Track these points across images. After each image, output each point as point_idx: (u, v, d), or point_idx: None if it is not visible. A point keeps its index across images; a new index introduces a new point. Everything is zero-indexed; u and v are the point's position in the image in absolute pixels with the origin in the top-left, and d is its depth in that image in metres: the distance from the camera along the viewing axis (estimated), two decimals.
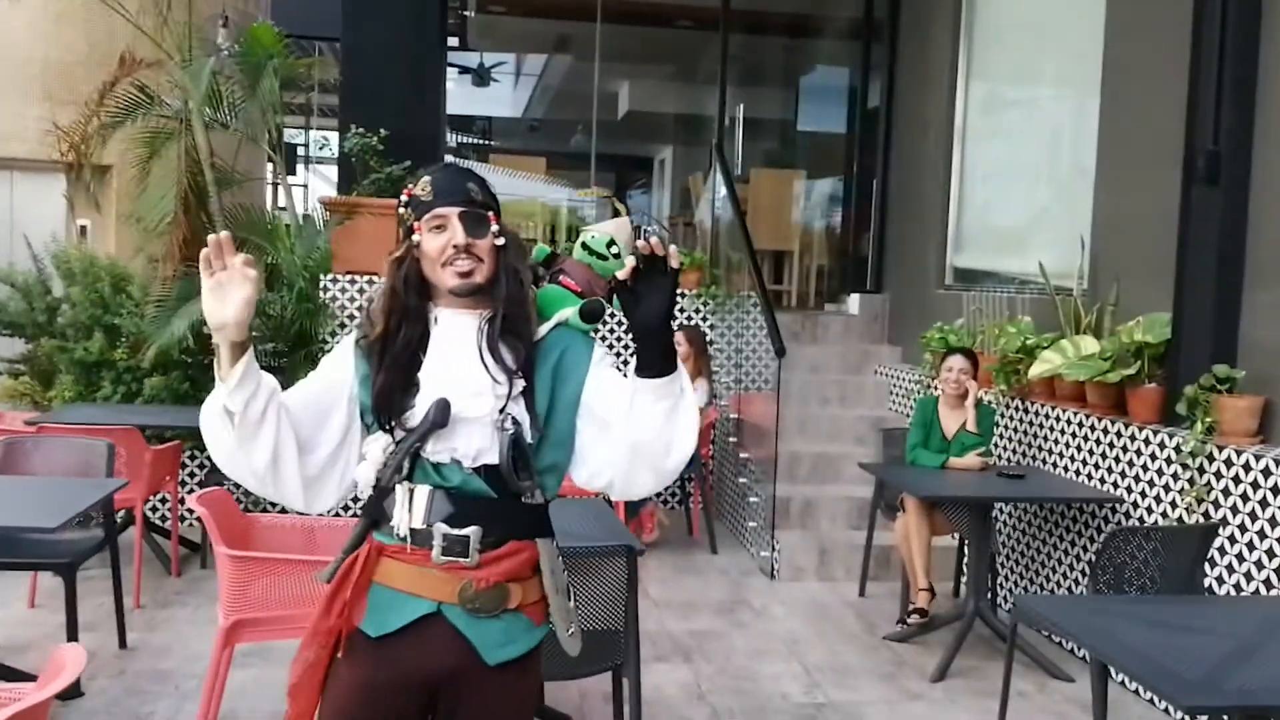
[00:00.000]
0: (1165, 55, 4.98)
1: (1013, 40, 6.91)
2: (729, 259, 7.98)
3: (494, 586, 2.00)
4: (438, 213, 2.03)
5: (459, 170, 2.13)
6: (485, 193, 2.09)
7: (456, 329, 2.07)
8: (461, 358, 2.04)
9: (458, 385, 2.01)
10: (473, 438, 2.01)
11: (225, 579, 3.64)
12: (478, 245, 2.03)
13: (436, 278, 2.05)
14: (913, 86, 7.93)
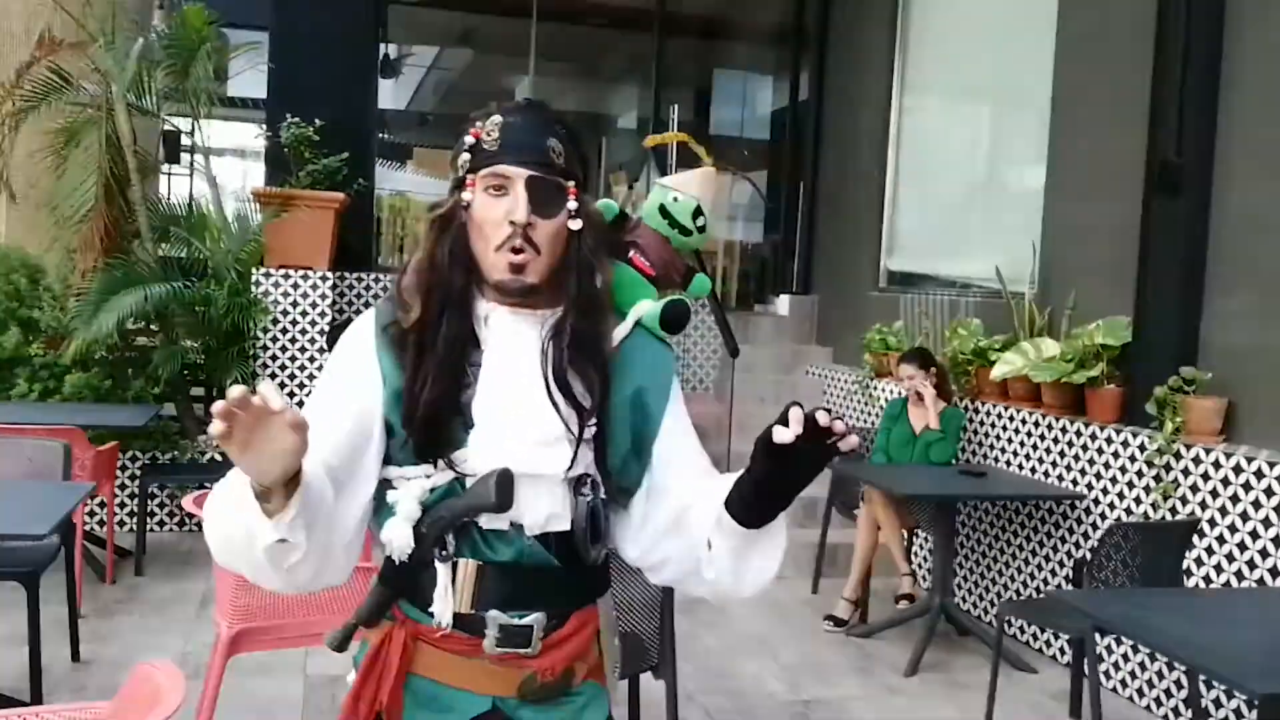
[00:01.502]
0: (1118, 66, 5.19)
1: (954, 49, 7.10)
2: None
3: (561, 675, 1.60)
4: (499, 170, 1.53)
5: (542, 116, 1.60)
6: (571, 153, 1.58)
7: (514, 341, 1.58)
8: (523, 387, 1.56)
9: (521, 430, 1.54)
10: (539, 500, 1.55)
11: (229, 587, 3.48)
12: (542, 228, 1.53)
13: (482, 258, 1.56)
14: (844, 91, 8.08)
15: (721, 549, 1.52)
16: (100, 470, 5.37)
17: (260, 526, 1.37)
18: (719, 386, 7.41)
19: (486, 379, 1.57)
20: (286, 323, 6.80)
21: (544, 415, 1.55)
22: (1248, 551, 4.14)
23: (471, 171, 1.57)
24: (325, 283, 6.83)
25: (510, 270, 1.54)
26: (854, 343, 7.45)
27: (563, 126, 1.59)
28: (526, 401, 1.56)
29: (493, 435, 1.55)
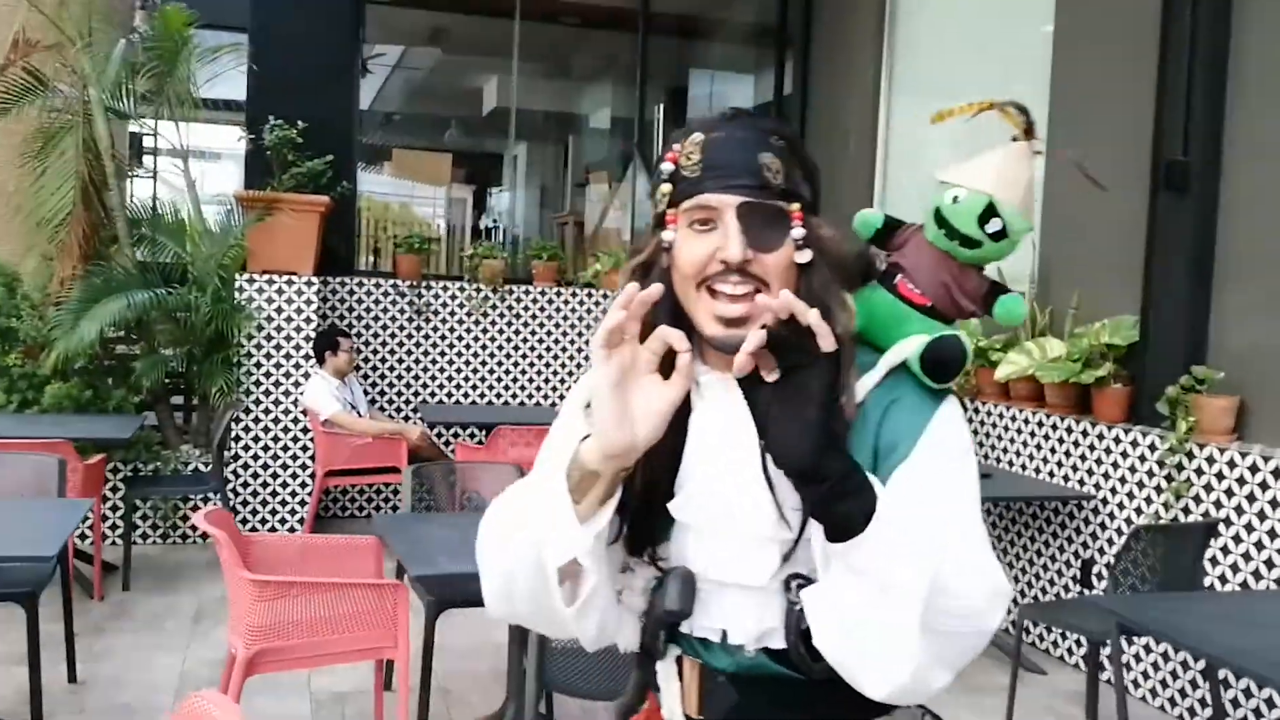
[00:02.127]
0: (1119, 61, 5.19)
1: (946, 44, 7.08)
2: None
3: None
4: (704, 200, 1.25)
5: (753, 127, 1.30)
6: (793, 168, 1.29)
7: (726, 410, 1.27)
8: (735, 468, 1.28)
9: (726, 524, 1.29)
10: (746, 612, 1.30)
11: (246, 605, 3.37)
12: (761, 265, 1.24)
13: (690, 308, 1.27)
14: (831, 93, 8.04)
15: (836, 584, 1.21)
16: (89, 484, 5.23)
17: (561, 536, 1.21)
18: None
19: (691, 461, 1.31)
20: (271, 329, 6.66)
21: (756, 506, 1.27)
22: (1265, 551, 4.14)
23: (672, 205, 1.29)
24: (310, 288, 6.70)
25: (724, 324, 1.23)
26: None
27: (780, 136, 1.31)
28: (737, 487, 1.28)
29: (694, 531, 1.31)
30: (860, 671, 1.20)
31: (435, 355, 7.53)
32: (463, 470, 4.51)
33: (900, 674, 1.17)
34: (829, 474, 1.15)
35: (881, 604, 1.15)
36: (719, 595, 1.31)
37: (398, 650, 3.49)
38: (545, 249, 7.91)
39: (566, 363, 7.77)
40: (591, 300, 7.80)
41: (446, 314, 7.54)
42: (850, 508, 1.15)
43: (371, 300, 7.40)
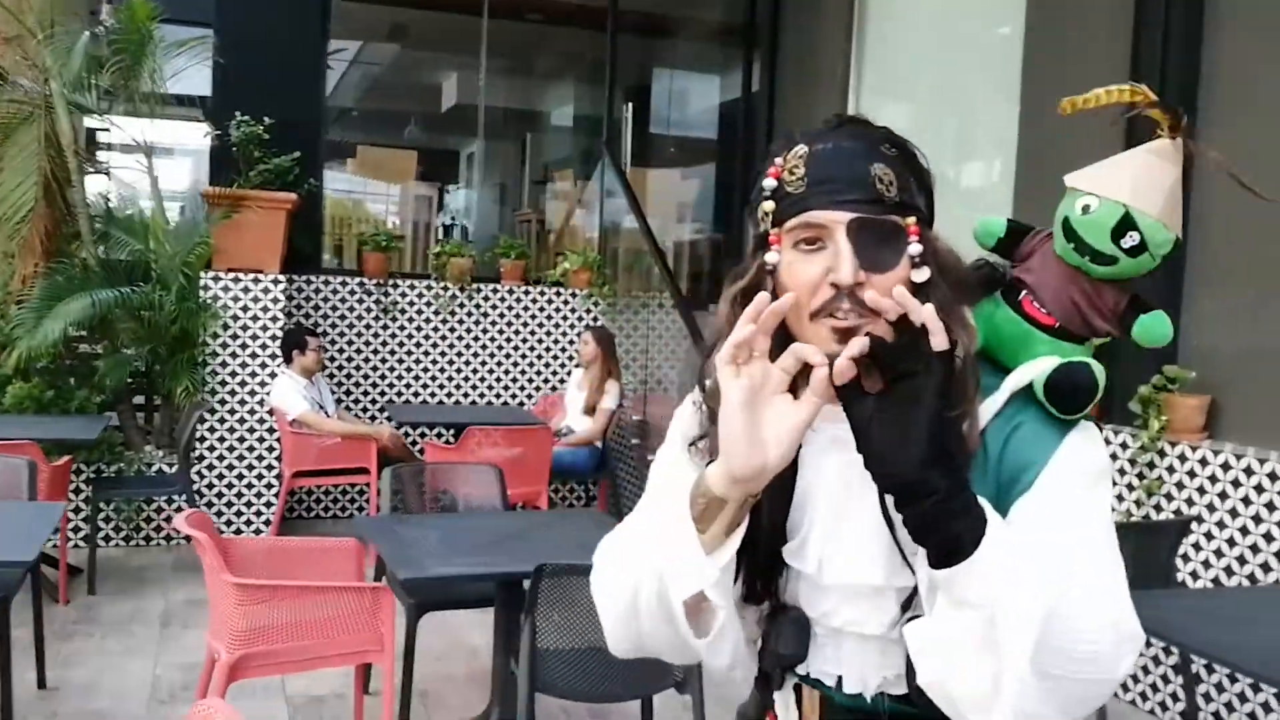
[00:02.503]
0: (1092, 64, 5.25)
1: (914, 45, 7.13)
2: (620, 258, 7.94)
3: None
4: (812, 218, 1.16)
5: (863, 135, 1.21)
6: (905, 179, 1.19)
7: (844, 447, 1.15)
8: (852, 512, 1.21)
9: (844, 573, 1.22)
10: (866, 660, 1.24)
11: (229, 610, 3.32)
12: (877, 284, 1.14)
13: (801, 335, 1.16)
14: (799, 92, 8.07)
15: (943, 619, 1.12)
16: (56, 486, 5.13)
17: (686, 567, 1.14)
18: (682, 389, 7.35)
19: (804, 501, 1.24)
20: (237, 328, 6.57)
21: (868, 551, 1.20)
22: (1237, 547, 4.21)
23: (776, 224, 1.19)
24: (277, 286, 6.62)
25: (838, 340, 1.13)
26: None
27: (892, 144, 1.21)
28: (854, 531, 1.22)
29: (807, 572, 1.25)
30: (963, 713, 1.10)
31: (402, 354, 7.47)
32: (439, 471, 4.48)
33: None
34: (934, 489, 1.04)
35: (989, 640, 1.05)
36: (835, 641, 1.26)
37: (383, 654, 3.45)
38: (513, 247, 7.87)
39: (535, 361, 7.74)
40: (560, 299, 7.77)
41: (414, 312, 7.48)
42: (957, 528, 1.05)
43: (338, 299, 7.33)
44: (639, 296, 7.86)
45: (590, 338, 6.82)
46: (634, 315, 7.80)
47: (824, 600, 1.25)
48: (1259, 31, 4.50)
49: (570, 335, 7.77)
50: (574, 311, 7.79)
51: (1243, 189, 1.30)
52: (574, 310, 7.79)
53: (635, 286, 7.87)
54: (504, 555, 3.45)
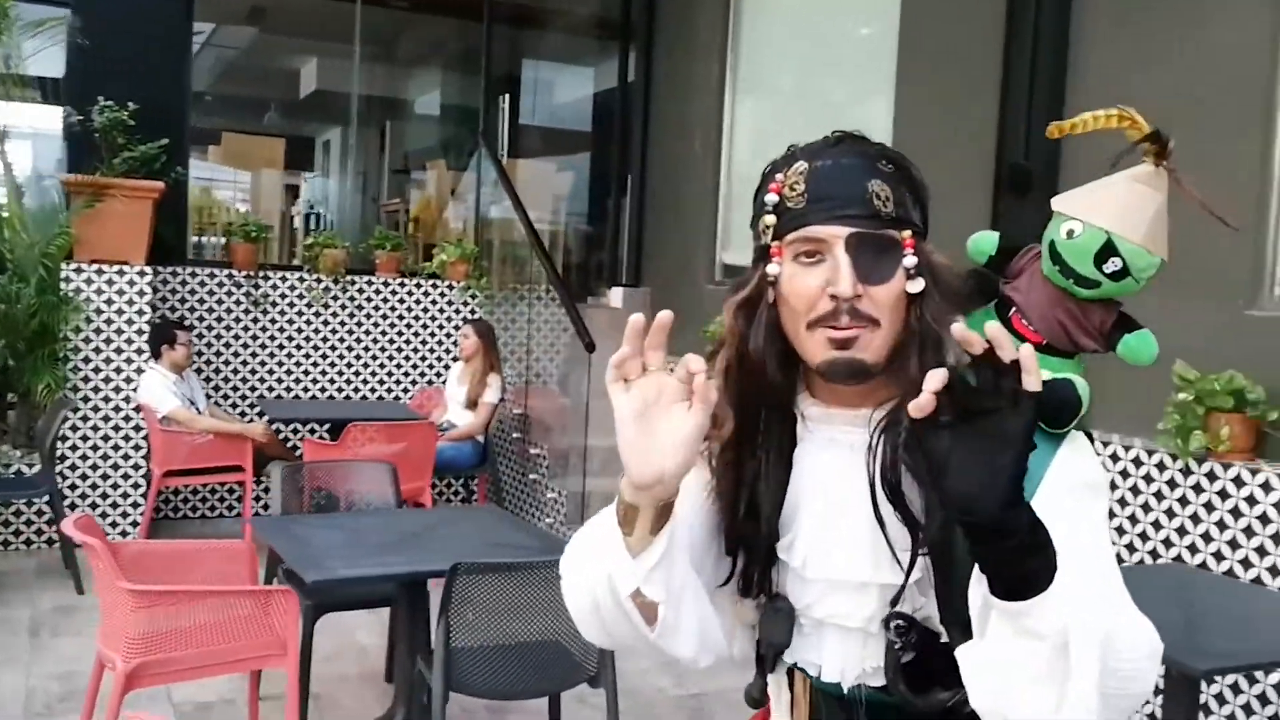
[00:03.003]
0: (962, 70, 5.46)
1: (790, 39, 7.26)
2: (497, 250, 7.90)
3: None
4: (811, 233, 1.21)
5: (860, 152, 1.26)
6: (901, 194, 1.24)
7: (831, 448, 1.27)
8: (846, 514, 1.26)
9: (827, 568, 1.29)
10: (847, 650, 1.30)
11: (124, 617, 3.20)
12: (873, 297, 1.20)
13: (799, 342, 1.24)
14: (674, 87, 8.15)
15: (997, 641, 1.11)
16: None
17: (620, 568, 1.19)
18: (564, 382, 7.36)
19: (796, 498, 1.30)
20: (100, 322, 6.30)
21: (854, 547, 1.26)
22: (1126, 536, 4.45)
23: (777, 238, 1.24)
24: (143, 278, 6.37)
25: (835, 346, 1.20)
26: (690, 336, 7.54)
27: (889, 160, 1.26)
28: (845, 528, 1.27)
29: (793, 566, 1.30)
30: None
31: (274, 349, 7.28)
32: (333, 469, 4.40)
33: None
34: (1015, 530, 1.03)
35: (1058, 669, 1.05)
36: (819, 632, 1.31)
37: (286, 658, 3.38)
38: (388, 238, 7.74)
39: (410, 355, 7.63)
40: (436, 292, 7.68)
41: (285, 305, 7.30)
42: (1034, 565, 1.04)
43: (205, 291, 7.09)
44: (517, 289, 7.83)
45: (471, 331, 6.76)
46: (511, 308, 7.77)
47: (808, 592, 1.31)
48: (1126, 34, 4.75)
49: (447, 328, 7.70)
50: (451, 304, 7.72)
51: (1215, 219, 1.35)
52: (451, 303, 7.71)
53: (513, 279, 7.84)
54: (410, 554, 3.41)
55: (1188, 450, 4.07)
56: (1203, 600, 3.39)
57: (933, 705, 1.24)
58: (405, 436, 6.00)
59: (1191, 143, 4.26)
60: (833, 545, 1.27)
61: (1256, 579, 3.90)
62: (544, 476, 6.81)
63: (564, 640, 3.27)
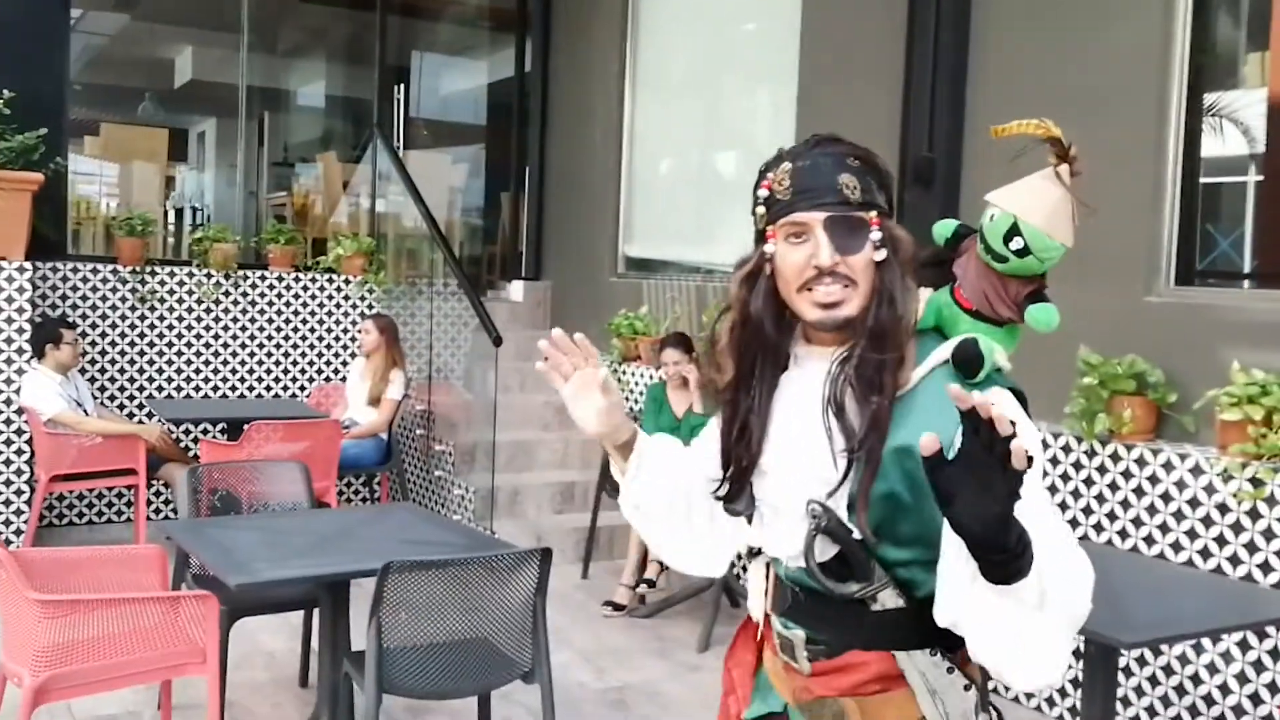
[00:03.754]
0: (865, 64, 5.55)
1: (691, 31, 7.28)
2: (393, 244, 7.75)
3: (817, 700, 1.61)
4: (796, 219, 1.53)
5: (833, 152, 1.56)
6: (867, 183, 1.54)
7: (809, 375, 1.59)
8: (804, 413, 1.56)
9: (793, 459, 1.57)
10: (793, 532, 1.57)
11: (30, 629, 3.03)
12: (850, 263, 1.51)
13: (793, 303, 1.56)
14: (573, 79, 8.11)
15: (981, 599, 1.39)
16: None
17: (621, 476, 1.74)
18: (467, 377, 7.27)
19: (778, 410, 1.62)
20: None
21: (806, 440, 1.56)
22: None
23: (770, 223, 1.57)
24: (22, 275, 6.06)
25: (822, 308, 1.53)
26: (594, 329, 7.53)
27: (856, 158, 1.56)
28: (805, 431, 1.57)
29: (772, 467, 1.61)
30: (1015, 673, 1.40)
31: (163, 346, 7.01)
32: (242, 470, 4.25)
33: (1055, 673, 1.37)
34: (1009, 546, 1.30)
35: (1038, 618, 1.35)
36: (775, 519, 1.61)
37: (205, 665, 3.25)
38: (282, 232, 7.53)
39: (307, 351, 7.44)
40: (333, 286, 7.50)
41: (174, 302, 7.03)
42: (1021, 565, 1.32)
43: (88, 288, 6.79)
44: (415, 283, 7.70)
45: (372, 326, 6.61)
46: (410, 302, 7.63)
47: (765, 482, 1.62)
48: (1025, 28, 4.88)
49: (344, 324, 7.53)
50: (348, 299, 7.54)
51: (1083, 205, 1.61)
52: (348, 298, 7.54)
53: (412, 273, 7.71)
54: (334, 555, 3.32)
55: (1093, 432, 4.21)
56: (1116, 576, 3.50)
57: (843, 592, 1.53)
58: (308, 435, 5.85)
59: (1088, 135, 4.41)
60: (788, 443, 1.58)
61: (1160, 554, 4.05)
62: (450, 473, 6.71)
63: (496, 638, 3.22)
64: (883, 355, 1.50)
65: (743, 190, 5.68)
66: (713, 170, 7.22)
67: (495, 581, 3.11)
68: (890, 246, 1.54)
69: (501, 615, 3.17)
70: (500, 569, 3.11)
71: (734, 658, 1.81)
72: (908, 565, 1.53)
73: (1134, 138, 4.44)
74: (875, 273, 1.53)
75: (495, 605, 3.18)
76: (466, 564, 3.06)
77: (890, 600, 1.53)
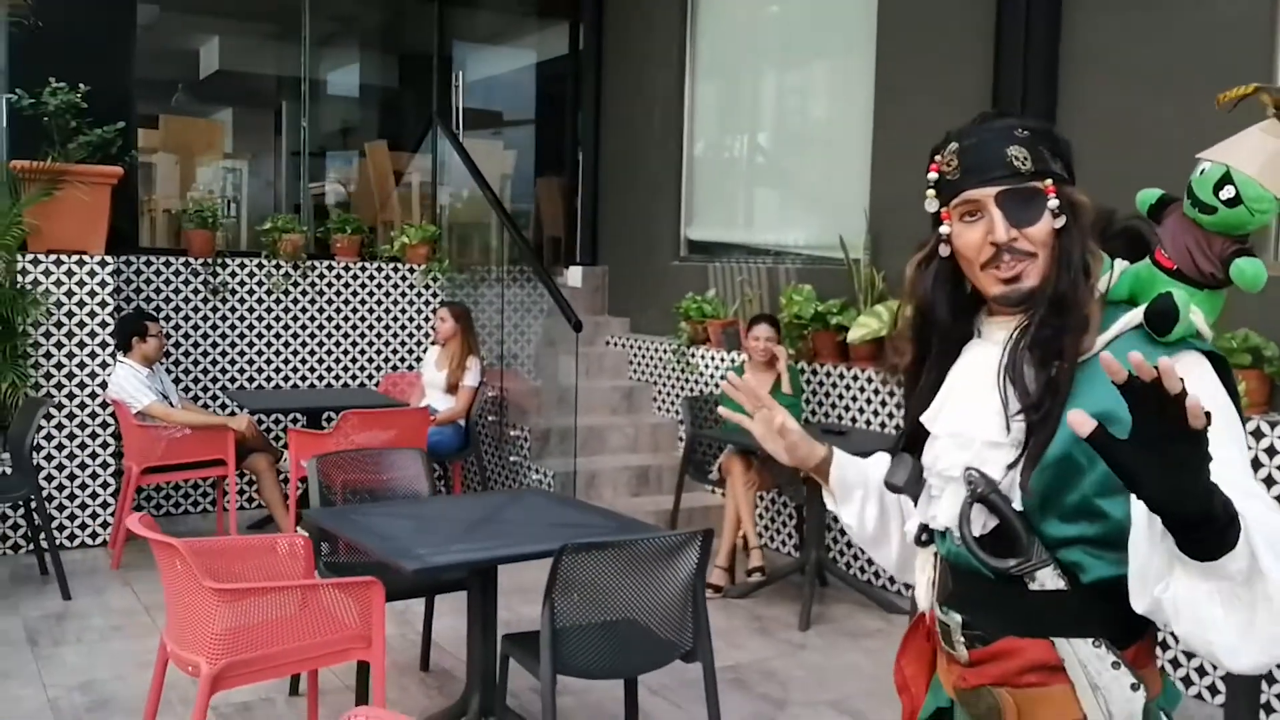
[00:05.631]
0: (947, 44, 5.57)
1: (755, 20, 7.30)
2: (456, 232, 7.77)
3: (974, 690, 1.55)
4: (968, 197, 1.52)
5: (999, 126, 1.55)
6: (1039, 151, 1.52)
7: (991, 345, 1.58)
8: (980, 383, 1.55)
9: (954, 425, 1.58)
10: (957, 500, 1.54)
11: (207, 616, 3.08)
12: (1029, 234, 1.50)
13: (978, 282, 1.56)
14: (628, 63, 8.12)
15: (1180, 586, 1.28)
16: None
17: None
18: (539, 362, 7.31)
19: (953, 376, 1.62)
20: (61, 315, 6.01)
21: (981, 408, 1.54)
22: None
23: (943, 204, 1.56)
24: (104, 269, 6.09)
25: (1005, 284, 1.52)
26: (654, 312, 7.58)
27: (1024, 128, 1.54)
28: (973, 392, 1.56)
29: (931, 425, 1.62)
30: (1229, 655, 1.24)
31: (234, 338, 7.05)
32: (364, 458, 4.30)
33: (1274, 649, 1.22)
34: (1213, 519, 1.18)
35: (1247, 593, 1.21)
36: (940, 492, 1.59)
37: (371, 650, 3.30)
38: (348, 222, 7.55)
39: (374, 340, 7.47)
40: (398, 275, 7.53)
41: (244, 293, 7.07)
42: (1227, 537, 1.19)
43: (161, 280, 6.82)
44: (477, 270, 7.73)
45: (447, 314, 6.65)
46: (474, 289, 7.66)
47: (933, 448, 1.61)
48: (1114, 8, 4.90)
49: (409, 312, 7.56)
50: (412, 288, 7.58)
51: None
52: (412, 286, 7.58)
53: (477, 260, 7.74)
54: (489, 539, 3.36)
55: None
56: None
57: (999, 567, 1.48)
58: (397, 423, 5.89)
59: (1187, 112, 4.45)
60: (961, 408, 1.58)
61: None
62: (525, 458, 6.75)
63: (657, 617, 3.27)
64: (1063, 320, 1.47)
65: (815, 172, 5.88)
66: (781, 151, 7.23)
67: (661, 562, 3.16)
68: (1069, 212, 1.51)
69: (664, 595, 3.22)
70: (667, 549, 3.16)
71: (906, 655, 1.75)
72: (1070, 545, 1.45)
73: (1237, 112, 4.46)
74: (1056, 241, 1.51)
75: (659, 585, 3.22)
76: (636, 544, 3.11)
77: (1050, 581, 1.46)
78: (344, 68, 11.79)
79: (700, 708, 4.07)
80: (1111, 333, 1.49)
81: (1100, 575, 1.43)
